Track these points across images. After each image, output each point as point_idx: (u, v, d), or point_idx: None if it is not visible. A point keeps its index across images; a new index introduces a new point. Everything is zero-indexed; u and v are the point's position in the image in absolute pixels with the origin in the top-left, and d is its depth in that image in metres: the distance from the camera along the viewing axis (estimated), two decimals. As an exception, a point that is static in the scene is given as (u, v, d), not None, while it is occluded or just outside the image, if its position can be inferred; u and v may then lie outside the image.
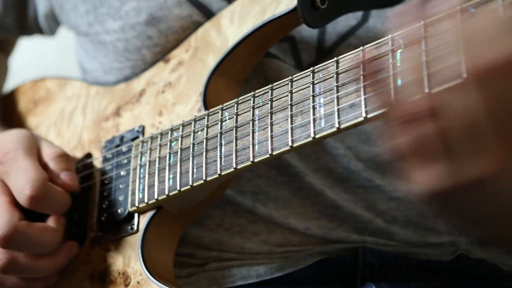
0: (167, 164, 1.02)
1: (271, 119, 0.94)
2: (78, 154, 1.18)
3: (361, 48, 0.88)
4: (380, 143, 0.79)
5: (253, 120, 0.95)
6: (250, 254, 1.10)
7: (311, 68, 0.92)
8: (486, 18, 0.73)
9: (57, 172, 1.05)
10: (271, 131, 0.93)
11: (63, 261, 1.04)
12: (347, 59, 0.89)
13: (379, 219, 1.09)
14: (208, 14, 1.13)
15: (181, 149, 1.01)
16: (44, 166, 1.06)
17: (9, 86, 1.43)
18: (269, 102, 0.95)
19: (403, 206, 1.09)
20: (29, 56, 1.95)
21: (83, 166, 1.15)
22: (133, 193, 1.05)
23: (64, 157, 1.07)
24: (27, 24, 1.37)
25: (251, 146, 0.93)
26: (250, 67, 1.09)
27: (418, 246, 1.10)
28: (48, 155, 1.07)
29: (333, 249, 1.09)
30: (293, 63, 1.12)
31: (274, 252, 1.10)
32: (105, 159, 1.12)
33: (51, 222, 1.03)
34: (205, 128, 1.00)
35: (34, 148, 1.07)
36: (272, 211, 1.10)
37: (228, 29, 1.08)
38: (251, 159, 0.93)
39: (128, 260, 1.03)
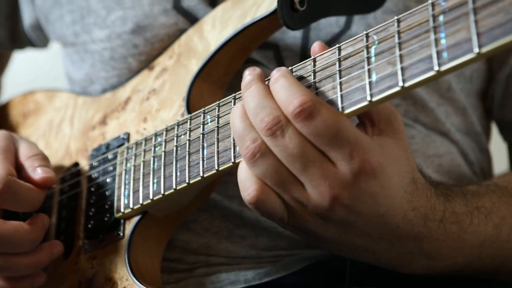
0: (151, 169, 1.02)
1: (252, 119, 0.94)
2: (66, 163, 1.18)
3: (337, 45, 0.88)
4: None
5: (234, 122, 0.95)
6: (238, 258, 1.10)
7: (290, 68, 0.92)
8: None
9: (31, 169, 1.05)
10: (252, 132, 0.93)
11: (44, 259, 1.03)
12: (324, 56, 0.89)
13: None
14: (194, 22, 1.14)
15: (165, 154, 1.02)
16: (20, 165, 1.06)
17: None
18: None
19: None
20: (21, 65, 1.96)
21: (70, 175, 1.15)
22: (119, 199, 1.05)
23: (39, 155, 1.07)
24: (18, 36, 1.38)
25: (232, 147, 0.94)
26: (233, 71, 1.10)
27: None
28: (24, 155, 1.06)
29: (321, 254, 1.08)
30: None
31: (262, 256, 1.09)
32: (92, 167, 1.13)
33: (27, 221, 1.03)
34: (188, 132, 1.00)
35: (11, 148, 1.07)
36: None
37: (210, 34, 1.09)
38: (232, 160, 0.93)
39: (115, 266, 1.03)
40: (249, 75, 0.91)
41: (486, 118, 1.26)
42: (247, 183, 0.88)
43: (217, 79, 1.08)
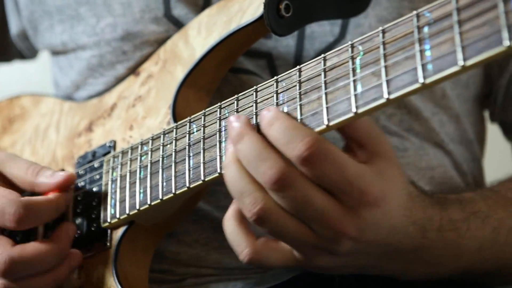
0: (137, 178, 1.02)
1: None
2: (52, 171, 1.17)
3: (322, 55, 0.87)
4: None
5: (220, 131, 0.95)
6: (227, 269, 1.09)
7: (275, 78, 0.92)
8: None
9: (46, 177, 1.03)
10: (238, 142, 0.92)
11: (63, 275, 1.00)
12: (309, 67, 0.89)
13: None
14: None
15: (151, 163, 1.01)
16: (22, 181, 1.04)
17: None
18: (235, 112, 0.94)
19: None
20: (10, 74, 1.95)
21: (57, 183, 1.14)
22: (105, 209, 1.05)
23: (34, 164, 1.06)
24: (7, 48, 1.37)
25: (218, 157, 0.93)
26: (220, 77, 1.09)
27: None
28: (20, 171, 1.05)
29: None
30: None
31: (252, 267, 1.09)
32: (78, 176, 1.12)
33: (50, 237, 1.00)
34: (174, 141, 0.99)
35: None
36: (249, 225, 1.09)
37: (195, 40, 1.08)
38: (218, 171, 0.92)
39: (102, 277, 1.02)
40: (236, 122, 0.88)
41: (480, 124, 1.26)
42: (240, 247, 0.90)
43: (203, 86, 1.07)
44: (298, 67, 0.90)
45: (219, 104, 0.96)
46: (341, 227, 0.85)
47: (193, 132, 0.98)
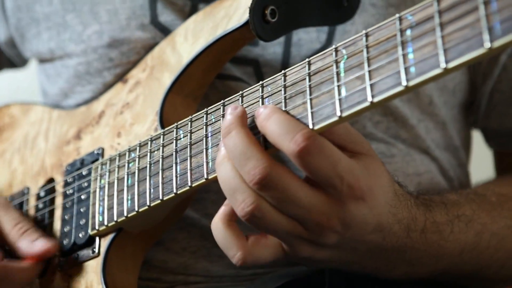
0: (125, 186, 1.01)
1: (224, 135, 0.93)
2: (41, 179, 1.17)
3: (306, 60, 0.87)
4: None
5: (206, 137, 0.94)
6: (216, 277, 1.09)
7: (261, 82, 0.92)
8: None
9: (27, 243, 1.04)
10: (224, 147, 0.92)
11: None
12: (294, 71, 0.89)
13: None
14: None
15: (138, 170, 1.01)
16: (5, 237, 1.05)
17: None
18: (221, 118, 0.94)
19: None
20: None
21: (45, 192, 1.14)
22: (93, 216, 1.04)
23: (23, 222, 1.06)
24: None
25: (205, 163, 0.93)
26: (207, 83, 1.09)
27: None
28: (8, 225, 1.06)
29: (299, 271, 1.08)
30: None
31: (241, 275, 1.09)
32: (66, 183, 1.12)
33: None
34: (161, 147, 0.99)
35: None
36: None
37: (182, 47, 1.08)
38: (205, 177, 0.92)
39: (91, 285, 1.02)
40: (230, 115, 0.88)
41: (465, 130, 1.27)
42: (231, 250, 0.89)
43: (190, 92, 1.07)
44: (283, 71, 0.90)
45: (205, 110, 0.96)
46: (327, 221, 0.86)
47: (180, 138, 0.98)
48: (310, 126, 0.84)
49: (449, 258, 0.99)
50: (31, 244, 1.04)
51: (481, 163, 1.37)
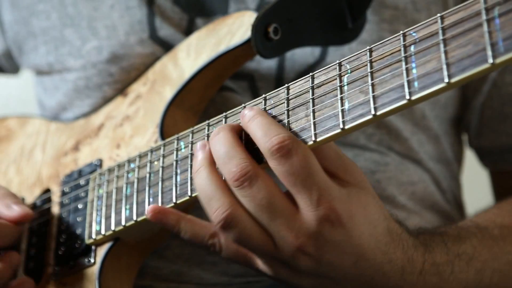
0: (123, 195, 1.02)
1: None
2: (37, 190, 1.17)
3: (310, 74, 0.89)
4: None
5: (208, 148, 0.95)
6: (209, 285, 1.09)
7: (263, 95, 0.93)
8: None
9: (5, 206, 1.04)
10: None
11: None
12: (297, 85, 0.90)
13: None
14: None
15: (138, 180, 1.01)
16: None
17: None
18: (223, 130, 0.95)
19: None
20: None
21: (41, 201, 1.14)
22: (90, 225, 1.05)
23: (7, 192, 1.06)
24: None
25: (205, 173, 0.94)
26: (207, 98, 1.10)
27: None
28: None
29: None
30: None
31: (234, 283, 1.09)
32: (63, 193, 1.12)
33: None
34: (161, 158, 1.00)
35: None
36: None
37: (185, 62, 1.10)
38: (206, 187, 0.93)
39: (85, 293, 1.02)
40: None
41: (458, 145, 1.27)
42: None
43: (191, 106, 1.09)
44: (286, 85, 0.91)
45: (207, 121, 0.98)
46: (298, 240, 0.84)
47: (181, 149, 0.99)
48: (313, 138, 0.86)
49: None
50: (6, 208, 1.04)
51: (474, 176, 1.37)
